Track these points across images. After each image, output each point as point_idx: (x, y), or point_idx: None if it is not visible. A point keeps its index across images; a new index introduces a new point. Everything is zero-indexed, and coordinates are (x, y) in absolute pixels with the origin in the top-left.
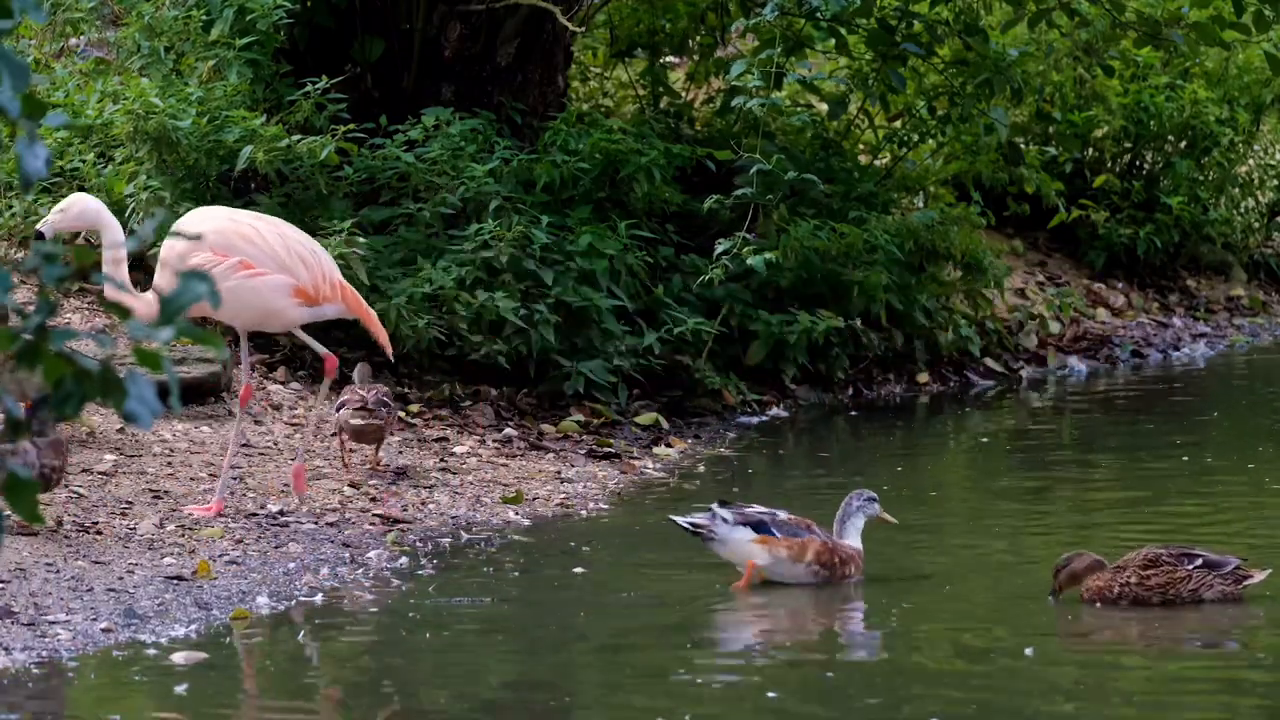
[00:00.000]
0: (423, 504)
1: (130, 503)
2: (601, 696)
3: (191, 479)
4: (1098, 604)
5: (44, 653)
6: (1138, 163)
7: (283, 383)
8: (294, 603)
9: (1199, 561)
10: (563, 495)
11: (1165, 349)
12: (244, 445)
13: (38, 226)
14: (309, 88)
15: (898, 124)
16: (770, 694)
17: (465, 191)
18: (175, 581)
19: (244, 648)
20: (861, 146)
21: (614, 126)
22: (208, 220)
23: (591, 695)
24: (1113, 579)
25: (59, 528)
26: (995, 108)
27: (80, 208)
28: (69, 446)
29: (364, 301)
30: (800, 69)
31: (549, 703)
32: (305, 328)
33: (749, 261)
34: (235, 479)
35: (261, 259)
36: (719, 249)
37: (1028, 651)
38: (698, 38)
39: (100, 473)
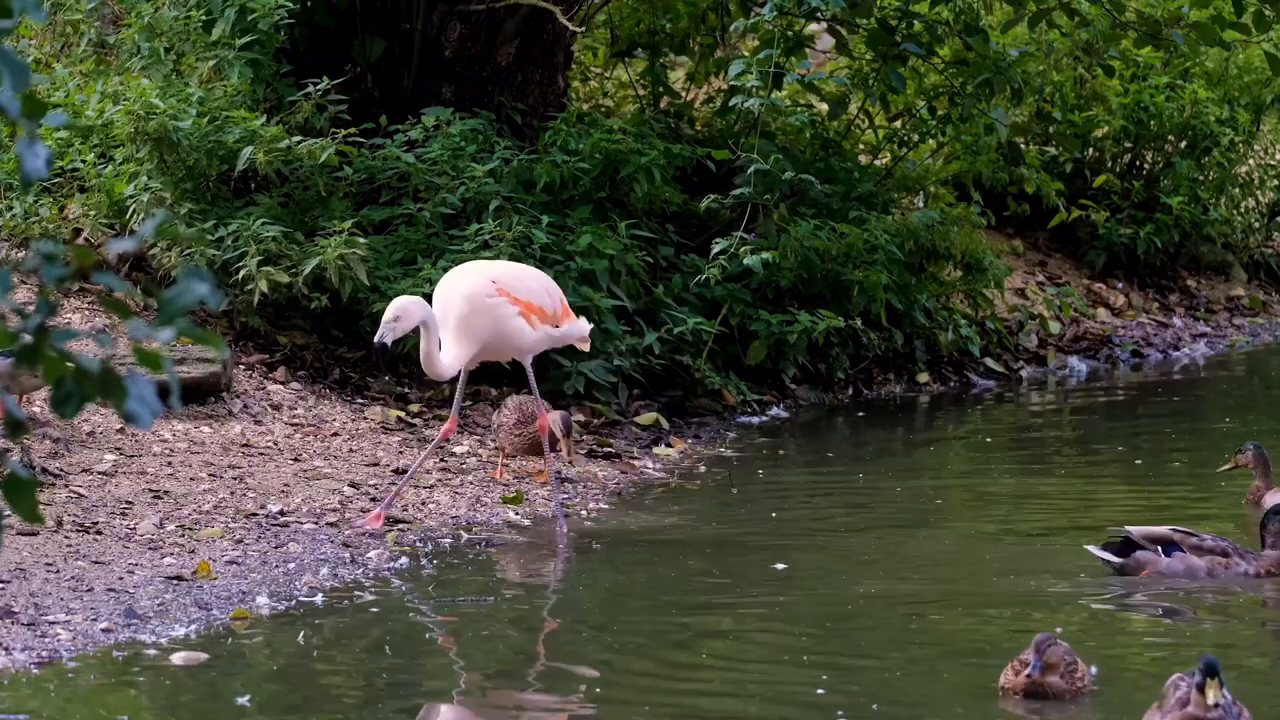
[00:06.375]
0: (423, 504)
1: (130, 503)
2: (603, 697)
3: (191, 479)
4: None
5: (44, 653)
6: (1138, 163)
7: (283, 383)
8: (294, 603)
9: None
10: (563, 495)
11: (1165, 349)
12: (244, 445)
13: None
14: (310, 88)
15: (898, 124)
16: (819, 690)
17: (465, 191)
18: (175, 581)
19: (244, 648)
20: (861, 146)
21: (614, 126)
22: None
23: (593, 696)
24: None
25: (59, 528)
26: (995, 108)
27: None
28: None
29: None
30: (800, 69)
31: (550, 703)
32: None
33: (746, 261)
34: (235, 479)
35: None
36: (716, 248)
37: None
38: (698, 38)
39: (100, 473)
